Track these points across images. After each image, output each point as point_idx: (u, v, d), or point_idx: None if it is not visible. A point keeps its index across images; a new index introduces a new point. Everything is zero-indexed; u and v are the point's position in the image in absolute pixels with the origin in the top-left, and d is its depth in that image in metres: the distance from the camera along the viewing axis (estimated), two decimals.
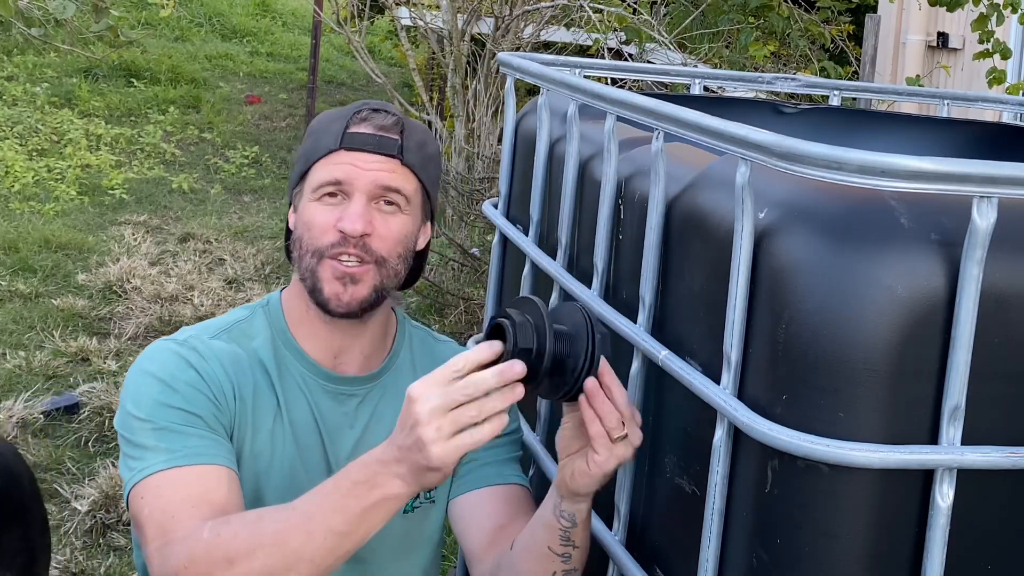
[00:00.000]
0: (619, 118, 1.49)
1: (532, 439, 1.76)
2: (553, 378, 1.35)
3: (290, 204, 1.69)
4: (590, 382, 1.34)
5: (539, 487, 1.70)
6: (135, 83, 8.59)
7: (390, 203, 1.60)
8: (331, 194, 1.59)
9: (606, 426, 1.35)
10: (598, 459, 1.37)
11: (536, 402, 1.79)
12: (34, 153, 7.04)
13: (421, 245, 1.68)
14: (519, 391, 1.30)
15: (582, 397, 1.35)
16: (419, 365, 1.72)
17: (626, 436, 1.37)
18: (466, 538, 1.66)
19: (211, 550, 1.38)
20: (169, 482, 1.48)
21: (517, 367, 1.29)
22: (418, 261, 1.69)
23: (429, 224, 1.69)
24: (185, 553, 1.40)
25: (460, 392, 1.28)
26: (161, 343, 1.62)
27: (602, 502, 1.51)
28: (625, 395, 1.37)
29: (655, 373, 1.40)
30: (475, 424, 1.29)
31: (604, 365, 1.35)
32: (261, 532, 1.38)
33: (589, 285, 1.57)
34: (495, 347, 1.30)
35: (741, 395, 1.21)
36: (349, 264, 1.58)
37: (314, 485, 1.62)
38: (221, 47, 10.15)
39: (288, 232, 1.72)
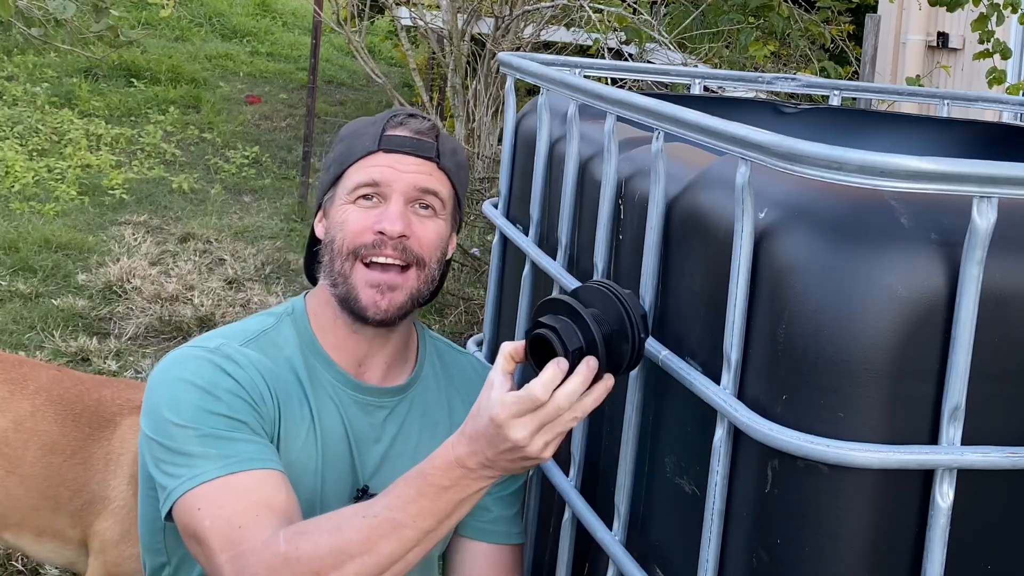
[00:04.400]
0: (619, 118, 1.49)
1: None
2: (612, 356, 1.36)
3: (318, 210, 1.67)
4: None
5: (540, 485, 1.70)
6: (135, 83, 8.60)
7: (426, 206, 1.60)
8: (367, 196, 1.59)
9: None
10: None
11: None
12: (34, 153, 7.04)
13: (449, 254, 1.68)
14: (610, 382, 1.34)
15: None
16: (443, 380, 1.72)
17: None
18: None
19: (292, 563, 1.37)
20: (229, 489, 1.45)
21: (592, 362, 1.31)
22: (442, 270, 1.69)
23: (455, 234, 1.69)
24: (263, 565, 1.38)
25: (562, 420, 1.32)
26: (189, 350, 1.58)
27: (602, 502, 1.51)
28: None
29: (655, 373, 1.40)
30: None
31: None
32: (346, 541, 1.38)
33: None
34: (562, 365, 1.31)
35: (741, 395, 1.21)
36: (387, 270, 1.57)
37: (341, 495, 1.60)
38: (221, 47, 10.15)
39: (311, 240, 1.71)
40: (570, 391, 1.30)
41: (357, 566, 1.36)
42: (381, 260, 1.57)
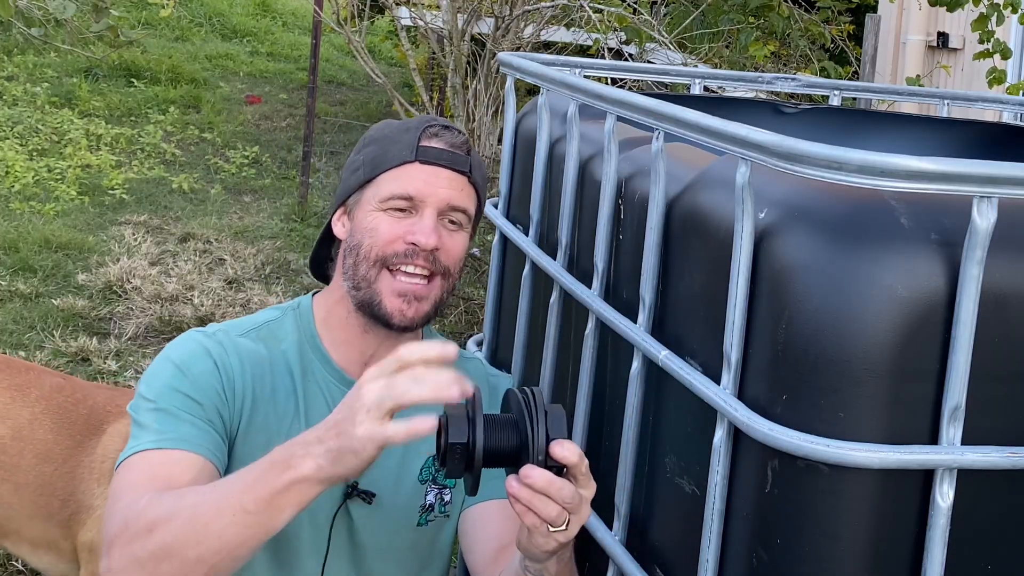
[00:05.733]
0: (619, 118, 1.49)
1: None
2: (513, 467, 1.33)
3: (339, 206, 1.68)
4: (511, 483, 1.31)
5: None
6: (135, 83, 8.60)
7: (454, 222, 1.64)
8: (400, 208, 1.60)
9: (543, 518, 1.31)
10: (538, 542, 1.36)
11: None
12: (34, 153, 7.04)
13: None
14: (426, 424, 1.26)
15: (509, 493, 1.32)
16: None
17: (566, 527, 1.33)
18: (470, 554, 1.66)
19: (139, 517, 1.39)
20: (146, 462, 1.49)
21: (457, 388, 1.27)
22: None
23: (471, 240, 1.72)
24: (122, 519, 1.41)
25: (394, 389, 1.26)
26: (190, 332, 1.64)
27: (602, 502, 1.51)
28: (568, 489, 1.31)
29: (655, 373, 1.40)
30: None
31: (564, 450, 1.31)
32: (182, 503, 1.38)
33: (589, 285, 1.57)
34: (448, 348, 1.29)
35: (741, 395, 1.21)
36: (415, 281, 1.59)
37: (330, 492, 1.61)
38: (221, 47, 10.15)
39: (325, 237, 1.72)
40: (418, 381, 1.25)
41: (175, 528, 1.35)
42: (410, 270, 1.59)
